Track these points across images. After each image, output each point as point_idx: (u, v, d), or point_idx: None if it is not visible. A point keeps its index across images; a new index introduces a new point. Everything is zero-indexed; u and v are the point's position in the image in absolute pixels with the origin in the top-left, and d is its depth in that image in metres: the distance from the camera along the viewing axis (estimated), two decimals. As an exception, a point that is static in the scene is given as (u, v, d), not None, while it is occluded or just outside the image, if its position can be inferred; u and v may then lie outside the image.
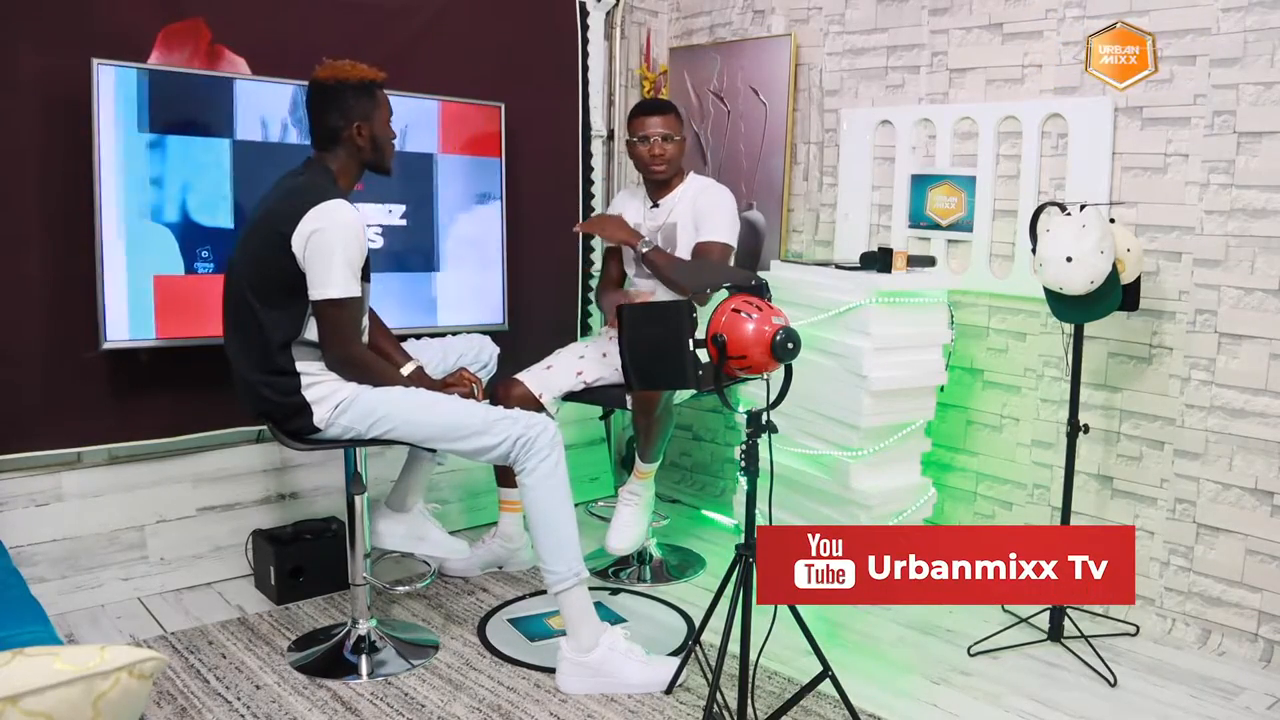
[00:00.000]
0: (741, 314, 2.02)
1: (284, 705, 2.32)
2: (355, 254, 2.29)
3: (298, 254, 2.25)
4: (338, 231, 2.25)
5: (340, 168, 2.40)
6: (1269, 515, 2.64)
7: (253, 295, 2.30)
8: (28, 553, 2.73)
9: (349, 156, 2.41)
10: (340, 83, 2.36)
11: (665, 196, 3.12)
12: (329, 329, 2.32)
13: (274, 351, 2.31)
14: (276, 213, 2.30)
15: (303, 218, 2.24)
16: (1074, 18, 2.92)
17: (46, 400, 2.74)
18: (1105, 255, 2.44)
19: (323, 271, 2.25)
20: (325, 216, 2.24)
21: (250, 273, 2.32)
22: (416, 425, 2.38)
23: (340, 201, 2.29)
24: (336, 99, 2.36)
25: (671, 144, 3.05)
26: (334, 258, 2.24)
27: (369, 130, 2.40)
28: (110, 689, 1.13)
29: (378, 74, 2.42)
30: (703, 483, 4.08)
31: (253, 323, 2.31)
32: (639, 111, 3.14)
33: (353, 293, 2.29)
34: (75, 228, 2.66)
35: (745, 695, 2.11)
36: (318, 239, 2.23)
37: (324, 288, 2.26)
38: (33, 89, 2.64)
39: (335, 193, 2.32)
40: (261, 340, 2.31)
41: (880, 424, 2.92)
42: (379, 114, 2.42)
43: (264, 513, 3.14)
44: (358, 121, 2.38)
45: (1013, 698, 2.44)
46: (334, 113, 2.36)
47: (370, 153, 2.42)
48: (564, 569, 2.37)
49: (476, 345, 2.83)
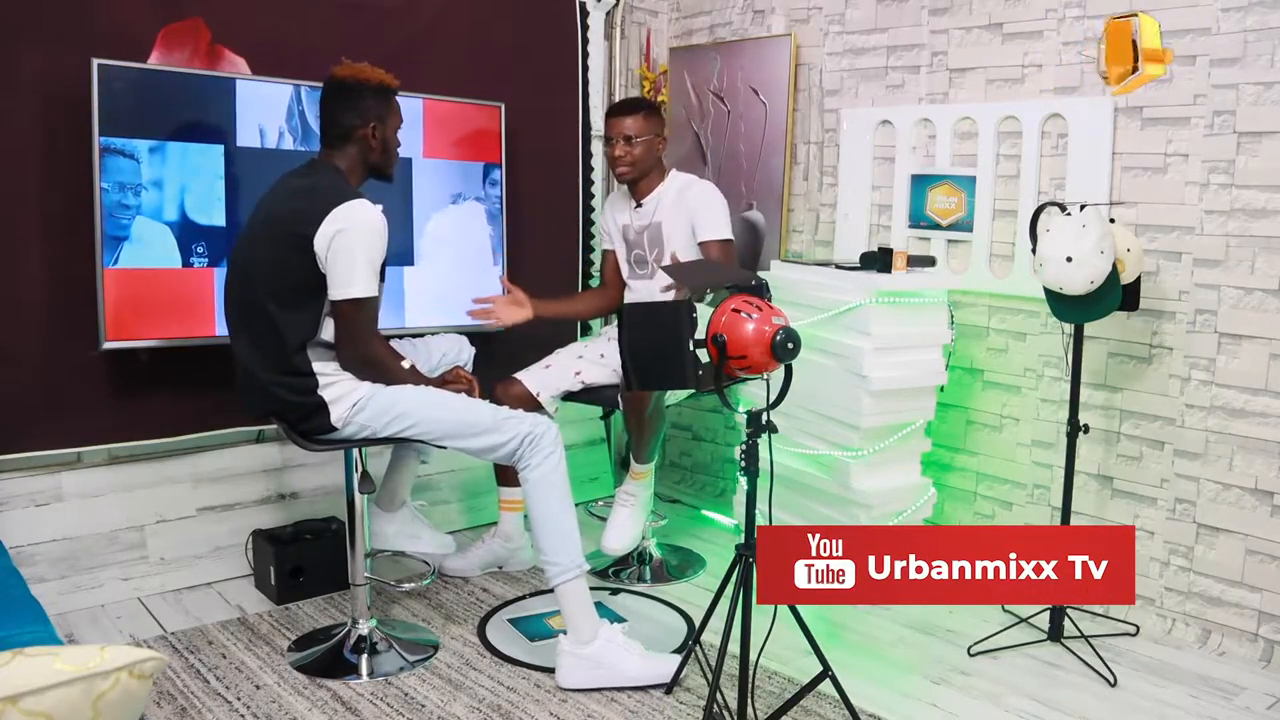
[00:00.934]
0: (741, 314, 2.02)
1: (284, 705, 2.32)
2: (377, 253, 2.31)
3: (320, 254, 2.26)
4: (361, 231, 2.26)
5: (349, 167, 2.42)
6: (1269, 515, 2.64)
7: (268, 297, 2.30)
8: (28, 553, 2.73)
9: (358, 157, 2.42)
10: (361, 83, 2.40)
11: (647, 196, 3.13)
12: (348, 328, 2.33)
13: (290, 353, 2.31)
14: (293, 213, 2.30)
15: (325, 218, 2.24)
16: (1074, 18, 2.92)
17: (46, 400, 2.74)
18: (1105, 255, 2.44)
19: (346, 271, 2.26)
20: (348, 217, 2.26)
21: (265, 274, 2.32)
22: (433, 422, 2.41)
23: (362, 201, 2.30)
24: (354, 98, 2.39)
25: (636, 145, 3.04)
26: (357, 258, 2.26)
27: (382, 133, 2.43)
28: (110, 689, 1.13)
29: (395, 81, 2.46)
30: (703, 483, 4.09)
31: (267, 324, 2.31)
32: (607, 113, 3.17)
33: (373, 292, 2.32)
34: (75, 228, 2.66)
35: (745, 695, 2.11)
36: (341, 239, 2.24)
37: (347, 287, 2.27)
38: (33, 89, 2.64)
39: (354, 192, 2.33)
40: (277, 341, 2.31)
41: (880, 424, 2.92)
42: (392, 119, 2.47)
43: (264, 513, 3.14)
44: (373, 122, 2.41)
45: (1013, 698, 2.44)
46: (350, 111, 2.39)
47: (379, 155, 2.45)
48: (565, 561, 2.39)
49: (456, 345, 2.87)
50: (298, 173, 2.43)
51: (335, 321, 2.33)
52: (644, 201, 3.13)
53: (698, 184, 3.11)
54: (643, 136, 3.05)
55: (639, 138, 3.04)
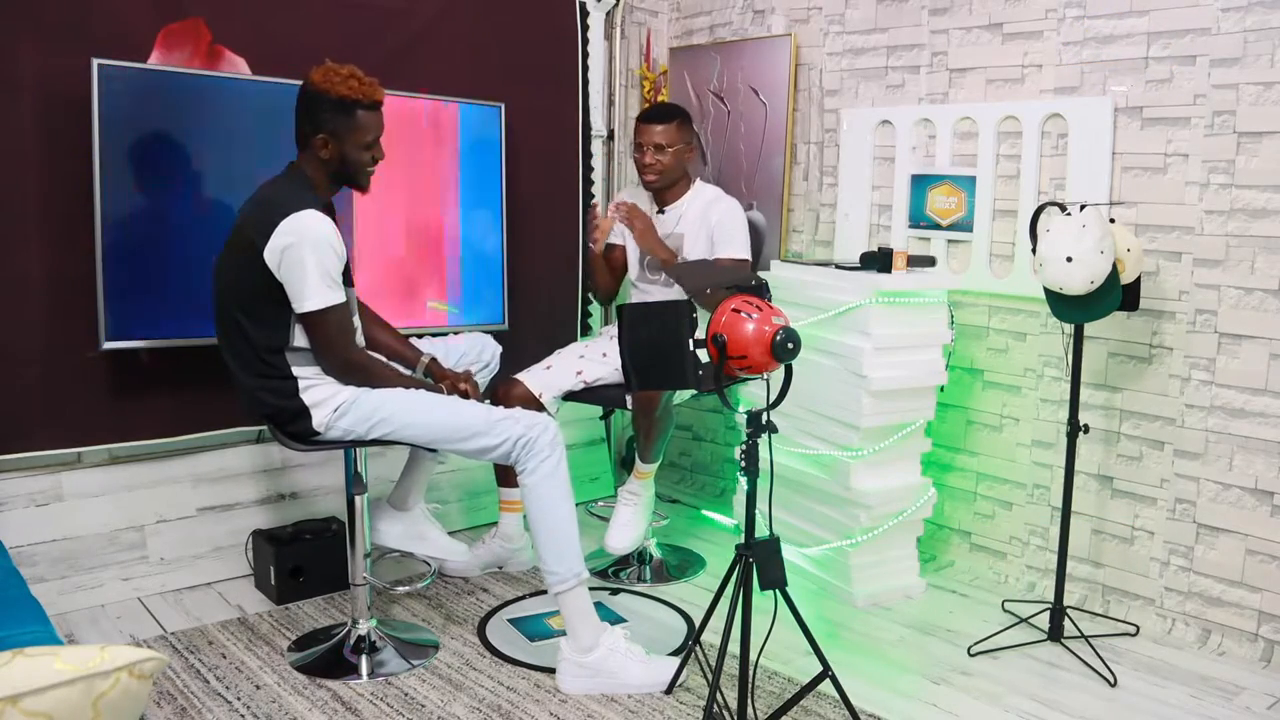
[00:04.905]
0: (741, 314, 2.02)
1: (284, 705, 2.32)
2: (330, 262, 2.26)
3: (272, 268, 2.23)
4: (307, 244, 2.22)
5: (314, 175, 2.36)
6: (1269, 515, 2.64)
7: (235, 305, 2.30)
8: (28, 553, 2.73)
9: (317, 166, 2.36)
10: (320, 93, 2.30)
11: (671, 204, 3.12)
12: (319, 339, 2.31)
13: (267, 357, 2.30)
14: (250, 223, 2.28)
15: (274, 231, 2.21)
16: (1074, 18, 2.92)
17: (46, 400, 2.74)
18: (1105, 255, 2.44)
19: (299, 285, 2.23)
20: (294, 230, 2.21)
21: (230, 283, 2.31)
22: (418, 427, 2.37)
23: (309, 212, 2.24)
24: (313, 107, 2.31)
25: (666, 154, 3.04)
26: (308, 270, 2.22)
27: (337, 148, 2.32)
28: (110, 689, 1.13)
29: (368, 95, 2.31)
30: (703, 483, 4.09)
31: (240, 331, 2.31)
32: (639, 118, 3.16)
33: (333, 301, 2.27)
34: (75, 228, 2.66)
35: (745, 695, 2.11)
36: (290, 254, 2.21)
37: (302, 300, 2.25)
38: (33, 89, 2.64)
39: (307, 201, 2.27)
40: (252, 348, 2.31)
41: (880, 424, 2.92)
42: (353, 135, 2.32)
43: (264, 513, 3.14)
44: (324, 134, 2.31)
45: (1013, 698, 2.44)
46: (307, 119, 2.33)
47: (337, 167, 2.36)
48: (564, 570, 2.37)
49: (479, 344, 2.83)
50: (272, 179, 2.38)
51: (306, 333, 2.31)
52: (667, 210, 3.13)
53: (723, 200, 3.11)
54: (674, 146, 3.04)
55: (670, 147, 3.04)
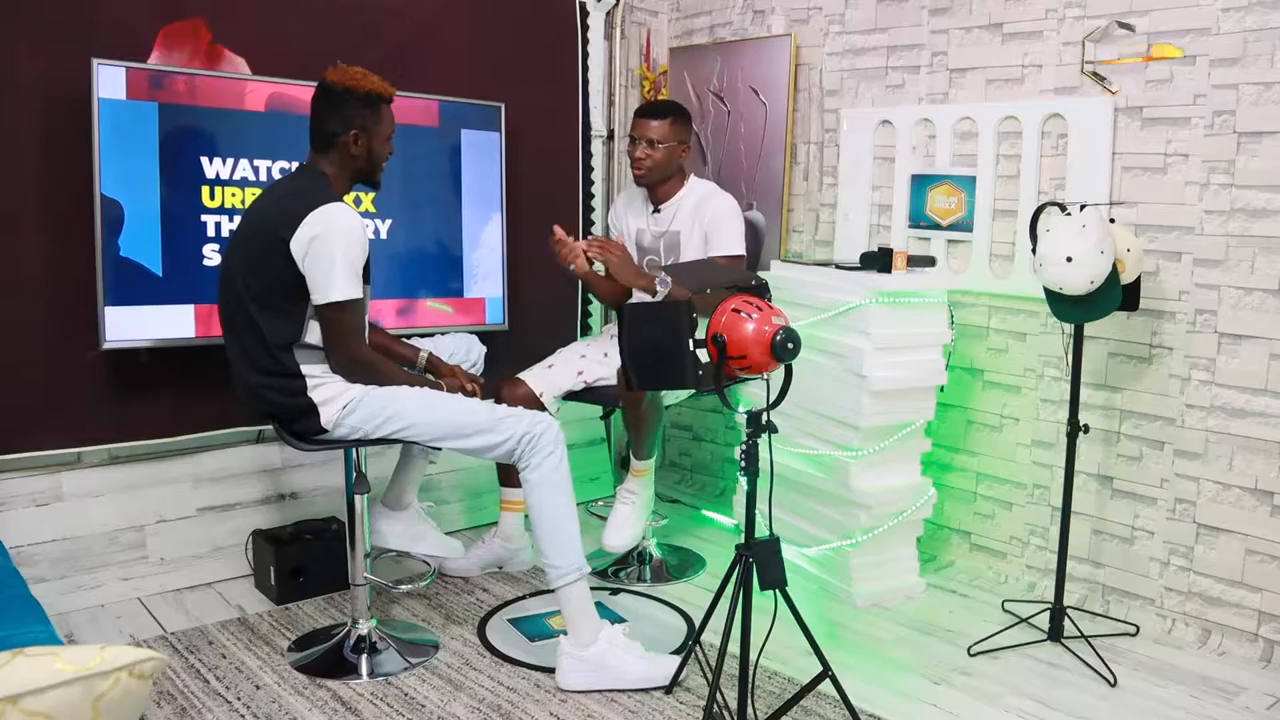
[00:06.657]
0: (741, 314, 2.02)
1: (284, 705, 2.32)
2: (356, 256, 2.29)
3: (297, 258, 2.25)
4: (337, 235, 2.25)
5: (334, 173, 2.40)
6: (1269, 515, 2.64)
7: (250, 300, 2.30)
8: (28, 553, 2.73)
9: (342, 164, 2.41)
10: (347, 90, 2.36)
11: (666, 202, 3.11)
12: (333, 332, 2.33)
13: (276, 354, 2.31)
14: (273, 217, 2.30)
15: (301, 222, 2.24)
16: (1074, 18, 2.92)
17: (46, 400, 2.74)
18: (1105, 255, 2.44)
19: (324, 275, 2.25)
20: (323, 221, 2.25)
21: (247, 277, 2.32)
22: (425, 424, 2.39)
23: (338, 204, 2.30)
24: (340, 105, 2.36)
25: (658, 150, 3.02)
26: (336, 261, 2.25)
27: (366, 142, 2.40)
28: (110, 689, 1.13)
29: (387, 89, 2.42)
30: (703, 483, 4.09)
31: (251, 326, 2.32)
32: (636, 111, 3.14)
33: (355, 294, 2.30)
34: (75, 227, 2.66)
35: (745, 695, 2.11)
36: (318, 244, 2.24)
37: (327, 291, 2.26)
38: (33, 89, 2.64)
39: (332, 196, 2.32)
40: (261, 344, 2.31)
41: (880, 424, 2.91)
42: (380, 129, 2.42)
43: (264, 513, 3.14)
44: (355, 131, 2.37)
45: (1013, 698, 2.44)
46: (335, 118, 2.37)
47: (364, 163, 2.42)
48: (565, 563, 2.38)
49: (465, 344, 2.87)
50: (287, 177, 2.43)
51: (320, 326, 2.33)
52: (662, 208, 3.12)
53: (717, 196, 3.09)
54: (667, 142, 3.02)
55: (662, 143, 3.02)
